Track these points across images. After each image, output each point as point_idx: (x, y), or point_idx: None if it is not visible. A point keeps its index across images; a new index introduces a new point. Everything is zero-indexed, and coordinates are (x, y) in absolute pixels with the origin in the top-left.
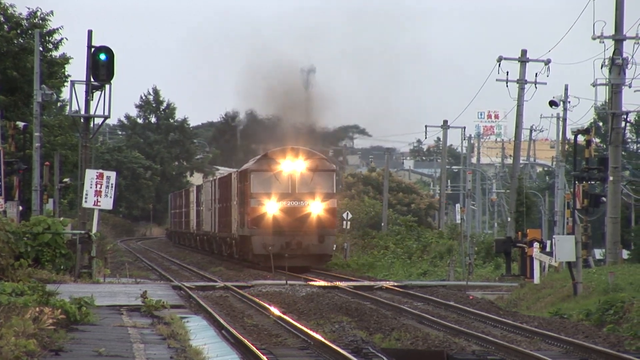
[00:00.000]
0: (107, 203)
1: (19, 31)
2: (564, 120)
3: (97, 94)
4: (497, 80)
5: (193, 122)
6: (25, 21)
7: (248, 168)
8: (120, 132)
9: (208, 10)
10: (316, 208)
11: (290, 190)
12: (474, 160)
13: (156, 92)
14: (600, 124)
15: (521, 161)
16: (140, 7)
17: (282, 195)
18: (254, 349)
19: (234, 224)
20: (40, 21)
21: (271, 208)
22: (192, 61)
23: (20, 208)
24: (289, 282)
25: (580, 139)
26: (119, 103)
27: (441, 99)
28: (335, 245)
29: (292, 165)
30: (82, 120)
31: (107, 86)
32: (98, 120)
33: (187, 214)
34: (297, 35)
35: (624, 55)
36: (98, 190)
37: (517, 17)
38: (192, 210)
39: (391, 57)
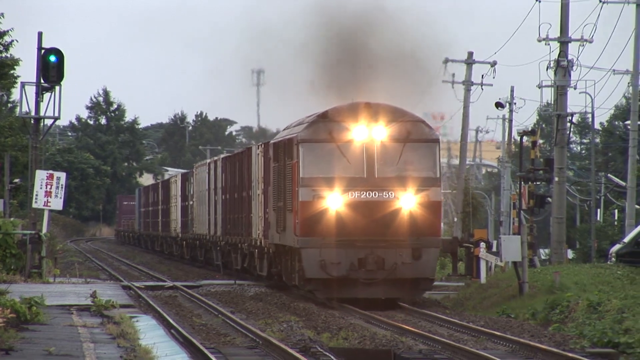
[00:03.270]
0: (57, 204)
1: None
2: (510, 121)
3: (47, 95)
4: (443, 81)
5: (143, 123)
6: None
7: (295, 137)
8: (70, 134)
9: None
10: (408, 202)
11: (366, 173)
12: None
13: (106, 94)
14: (543, 125)
15: (467, 162)
16: (90, 6)
17: (352, 181)
18: (203, 348)
19: (256, 224)
20: None
21: (334, 203)
22: (143, 60)
23: None
24: (237, 281)
25: (526, 140)
26: (69, 103)
27: (389, 98)
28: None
29: (368, 132)
30: (32, 121)
31: (57, 87)
32: (48, 122)
33: (167, 211)
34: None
35: (569, 57)
36: (48, 191)
37: (465, 19)
38: (174, 206)
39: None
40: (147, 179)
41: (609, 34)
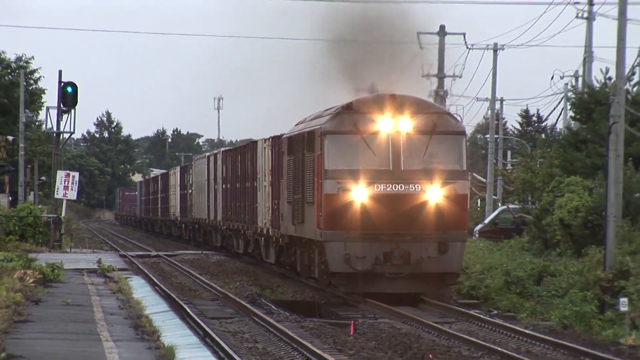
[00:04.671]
0: (72, 195)
1: (9, 70)
2: None
3: (65, 116)
4: None
5: (134, 136)
6: (13, 63)
7: (319, 128)
8: (82, 144)
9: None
10: (434, 195)
11: (392, 165)
12: None
13: (109, 114)
14: None
15: None
16: (101, 44)
17: (377, 174)
18: (178, 300)
19: (263, 214)
20: (25, 63)
21: (360, 195)
22: (136, 87)
23: (10, 198)
24: (203, 252)
25: None
26: (81, 120)
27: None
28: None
29: (394, 124)
30: (54, 135)
31: (72, 111)
32: (66, 135)
33: (166, 199)
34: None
35: (445, 88)
36: (66, 185)
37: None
38: (173, 195)
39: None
40: (137, 178)
41: (474, 72)
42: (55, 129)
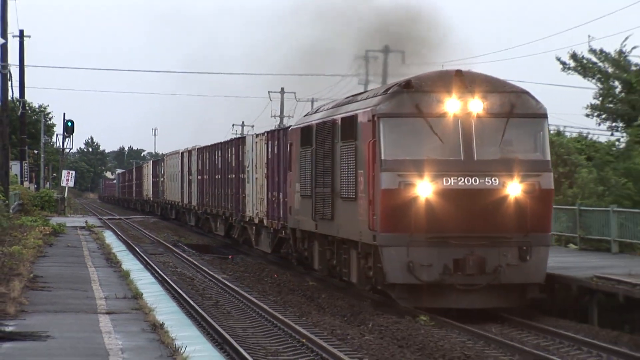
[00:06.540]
0: (71, 184)
1: (34, 113)
2: None
3: (67, 139)
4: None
5: (107, 150)
6: (37, 109)
7: (370, 111)
8: (77, 155)
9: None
10: (515, 191)
11: (463, 155)
12: None
13: (92, 138)
14: None
15: None
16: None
17: (446, 164)
18: (131, 243)
19: (254, 204)
20: (43, 108)
21: (425, 191)
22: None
23: (35, 186)
24: (147, 216)
25: None
26: (77, 139)
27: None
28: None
29: (463, 105)
30: (61, 150)
31: (71, 136)
32: (67, 150)
33: (140, 185)
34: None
35: (285, 124)
36: (67, 178)
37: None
38: (146, 182)
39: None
40: (108, 174)
41: (301, 114)
42: (61, 146)
